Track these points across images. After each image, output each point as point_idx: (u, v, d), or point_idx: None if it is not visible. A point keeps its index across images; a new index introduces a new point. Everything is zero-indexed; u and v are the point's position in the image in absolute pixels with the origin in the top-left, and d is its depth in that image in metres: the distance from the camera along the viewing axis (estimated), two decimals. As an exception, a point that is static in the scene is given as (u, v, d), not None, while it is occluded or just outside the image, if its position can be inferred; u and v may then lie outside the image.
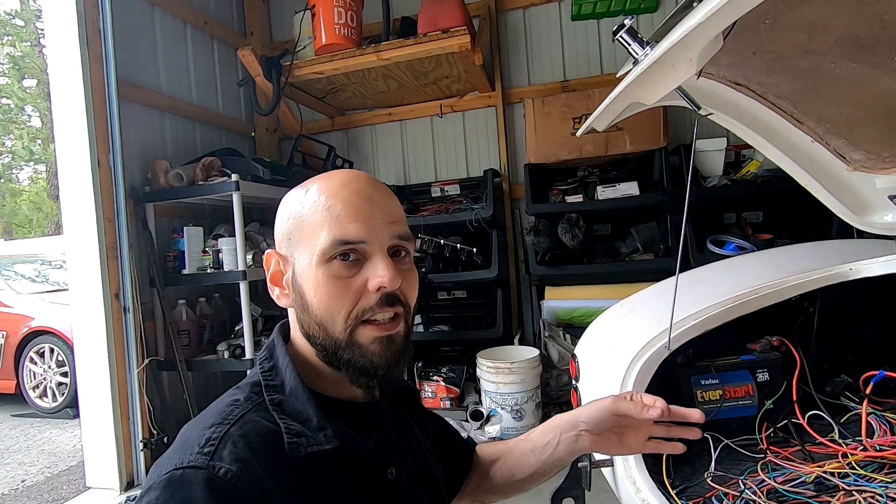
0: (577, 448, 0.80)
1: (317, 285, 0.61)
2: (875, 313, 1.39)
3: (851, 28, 0.85)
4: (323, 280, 0.61)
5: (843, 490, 0.94)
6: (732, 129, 1.19)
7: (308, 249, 0.62)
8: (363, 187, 0.64)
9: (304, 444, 0.57)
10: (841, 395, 1.25)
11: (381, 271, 0.60)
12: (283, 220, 0.66)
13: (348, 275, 0.61)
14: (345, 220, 0.61)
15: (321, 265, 0.61)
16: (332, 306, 0.61)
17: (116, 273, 2.44)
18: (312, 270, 0.61)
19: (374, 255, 0.62)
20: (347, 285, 0.61)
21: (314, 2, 2.74)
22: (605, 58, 3.22)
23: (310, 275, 0.62)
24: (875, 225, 1.19)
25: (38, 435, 3.67)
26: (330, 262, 0.61)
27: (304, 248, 0.63)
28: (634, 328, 1.32)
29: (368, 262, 0.62)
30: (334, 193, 0.62)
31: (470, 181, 3.29)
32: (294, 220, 0.64)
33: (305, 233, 0.62)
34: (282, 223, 0.67)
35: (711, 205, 2.74)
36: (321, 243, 0.60)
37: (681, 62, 0.74)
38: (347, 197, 0.62)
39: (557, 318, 2.88)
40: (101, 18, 2.43)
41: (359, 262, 0.62)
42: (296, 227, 0.64)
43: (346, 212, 0.61)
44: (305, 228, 0.63)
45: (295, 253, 0.64)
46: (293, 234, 0.64)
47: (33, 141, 13.29)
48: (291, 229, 0.65)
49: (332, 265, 0.61)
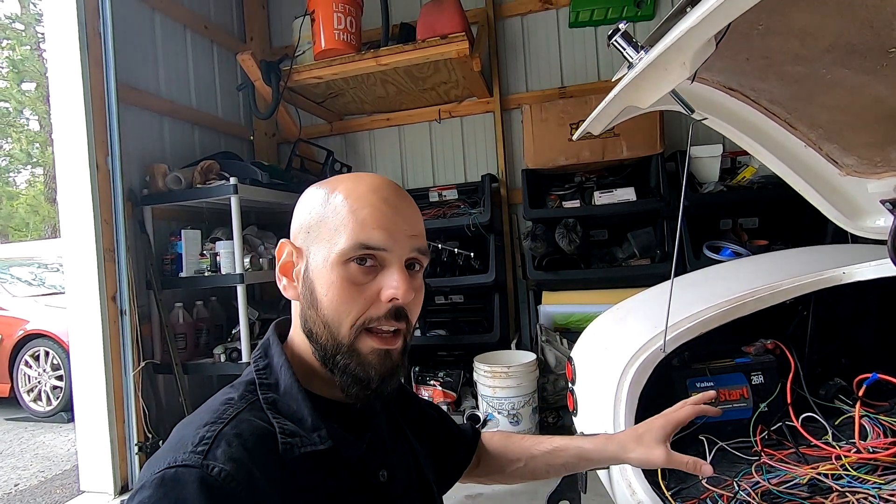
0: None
1: (330, 285, 0.61)
2: (868, 317, 1.41)
3: (843, 35, 0.87)
4: (337, 281, 0.61)
5: (836, 492, 0.95)
6: (727, 134, 1.21)
7: (326, 247, 0.62)
8: (390, 196, 0.64)
9: (298, 445, 0.57)
10: (834, 398, 1.26)
11: (395, 283, 0.61)
12: (304, 212, 0.66)
13: (363, 280, 0.61)
14: (369, 224, 0.61)
15: (338, 266, 0.61)
16: (342, 309, 0.61)
17: (113, 275, 2.44)
18: (328, 269, 0.61)
19: (392, 266, 0.62)
20: (360, 291, 0.61)
21: (314, 7, 2.76)
22: (602, 65, 3.25)
23: (324, 273, 0.62)
24: (867, 229, 1.20)
25: (32, 439, 3.65)
26: (347, 264, 0.61)
27: (322, 245, 0.62)
28: (630, 331, 1.33)
29: (385, 271, 0.62)
30: (362, 197, 0.62)
31: (468, 186, 3.30)
32: (315, 215, 0.64)
33: (326, 230, 0.62)
34: (302, 215, 0.66)
35: (707, 210, 2.76)
36: (342, 244, 0.60)
37: (674, 66, 0.75)
38: (375, 202, 0.62)
39: (554, 322, 2.88)
40: (102, 22, 2.44)
41: (375, 269, 0.62)
42: (316, 223, 0.64)
43: (371, 217, 0.61)
44: (327, 225, 0.62)
45: (311, 247, 0.64)
46: (312, 229, 0.64)
47: (31, 144, 13.28)
48: (311, 223, 0.64)
49: (348, 267, 0.61)
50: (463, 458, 0.89)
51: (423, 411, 0.87)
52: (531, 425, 2.52)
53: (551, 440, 0.88)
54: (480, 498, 2.16)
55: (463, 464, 0.89)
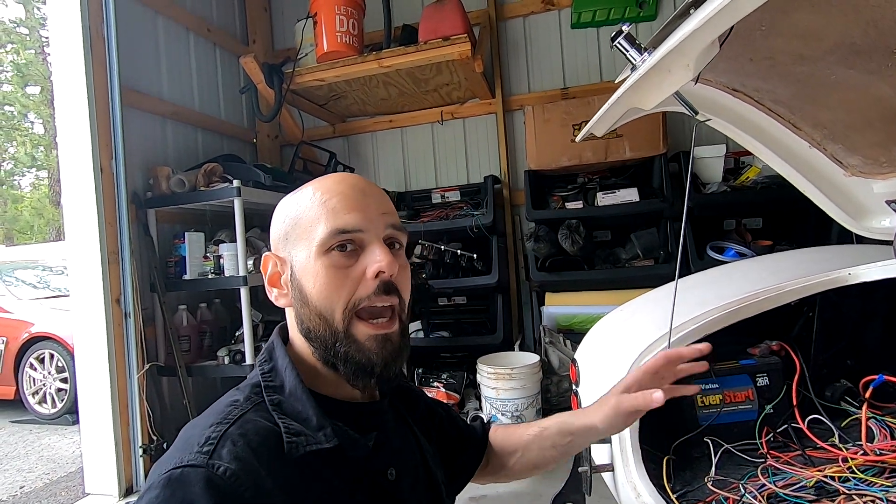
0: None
1: (316, 276, 0.62)
2: (874, 318, 1.40)
3: (846, 34, 0.86)
4: (322, 270, 0.62)
5: (843, 494, 0.94)
6: (730, 134, 1.20)
7: (306, 244, 0.64)
8: (357, 182, 0.67)
9: (304, 443, 0.58)
10: (841, 400, 1.25)
11: (378, 257, 0.62)
12: (279, 222, 0.68)
13: (347, 264, 0.63)
14: (341, 211, 0.63)
15: (320, 257, 0.62)
16: (332, 295, 0.62)
17: (118, 278, 2.45)
18: (311, 263, 0.63)
19: (371, 244, 0.64)
20: (346, 274, 0.62)
21: (316, 10, 2.77)
22: (604, 65, 3.25)
23: (309, 268, 0.63)
24: (873, 230, 1.19)
25: (37, 441, 3.66)
26: (329, 253, 0.62)
27: (302, 244, 0.64)
28: (634, 332, 1.32)
29: (365, 251, 0.64)
30: (329, 189, 0.65)
31: (470, 187, 3.30)
32: (290, 220, 0.66)
33: (303, 229, 0.64)
34: (278, 226, 0.69)
35: (711, 211, 2.75)
36: (319, 235, 0.62)
37: (678, 67, 0.75)
38: (343, 190, 0.65)
39: (557, 324, 2.88)
40: (105, 25, 2.45)
41: (356, 253, 0.63)
42: (292, 227, 0.66)
43: (341, 203, 0.63)
44: (302, 225, 0.64)
45: (293, 251, 0.65)
46: (290, 234, 0.66)
47: (36, 147, 13.35)
48: (288, 229, 0.66)
49: (330, 255, 0.62)
50: (472, 457, 0.88)
51: (431, 409, 0.86)
52: (535, 427, 2.52)
53: (539, 422, 0.88)
54: (484, 500, 2.16)
55: (473, 462, 0.88)
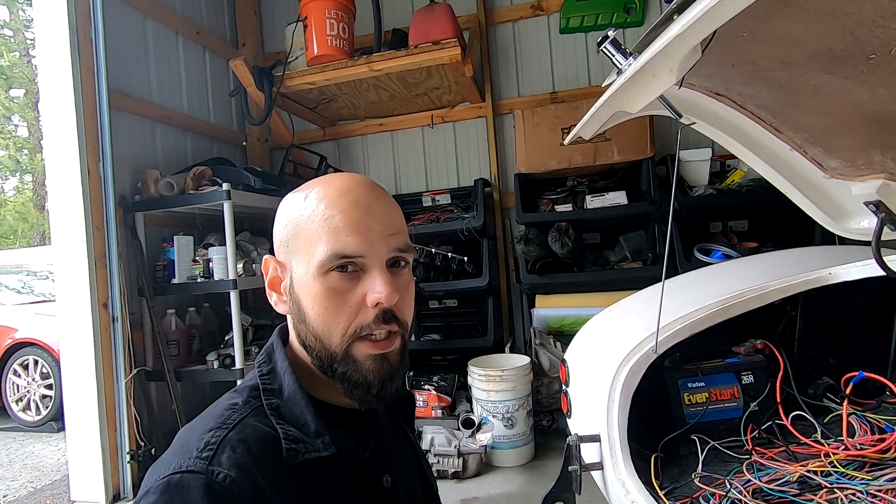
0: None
1: (314, 297, 0.60)
2: (854, 317, 1.43)
3: (825, 41, 0.89)
4: (321, 293, 0.60)
5: (825, 488, 0.97)
6: (715, 138, 1.23)
7: (306, 259, 0.61)
8: (362, 197, 0.62)
9: (302, 451, 0.57)
10: (823, 397, 1.28)
11: (378, 287, 0.59)
12: (282, 225, 0.66)
13: (346, 288, 0.60)
14: (343, 232, 0.59)
15: (319, 276, 0.60)
16: (330, 321, 0.60)
17: (105, 282, 2.42)
18: (310, 281, 0.61)
19: (373, 269, 0.60)
20: (345, 300, 0.60)
21: (306, 13, 2.77)
22: (592, 70, 3.29)
23: (307, 285, 0.61)
24: (852, 230, 1.22)
25: (21, 449, 3.59)
26: (328, 275, 0.60)
27: (301, 258, 0.62)
28: (622, 332, 1.34)
29: (367, 276, 0.61)
30: (332, 203, 0.61)
31: (461, 191, 3.32)
32: (292, 227, 0.64)
33: (303, 242, 0.62)
34: (280, 228, 0.66)
35: (698, 214, 2.79)
36: (319, 255, 0.60)
37: (662, 72, 0.77)
38: (346, 208, 0.61)
39: (548, 326, 2.90)
40: (93, 28, 2.43)
41: (357, 275, 0.61)
42: (293, 235, 0.63)
43: (343, 224, 0.60)
44: (303, 237, 0.62)
45: (293, 261, 0.63)
46: (291, 242, 0.64)
47: (20, 151, 13.14)
48: (289, 237, 0.64)
49: (329, 277, 0.60)
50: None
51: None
52: (526, 428, 2.53)
53: None
54: (476, 502, 2.16)
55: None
